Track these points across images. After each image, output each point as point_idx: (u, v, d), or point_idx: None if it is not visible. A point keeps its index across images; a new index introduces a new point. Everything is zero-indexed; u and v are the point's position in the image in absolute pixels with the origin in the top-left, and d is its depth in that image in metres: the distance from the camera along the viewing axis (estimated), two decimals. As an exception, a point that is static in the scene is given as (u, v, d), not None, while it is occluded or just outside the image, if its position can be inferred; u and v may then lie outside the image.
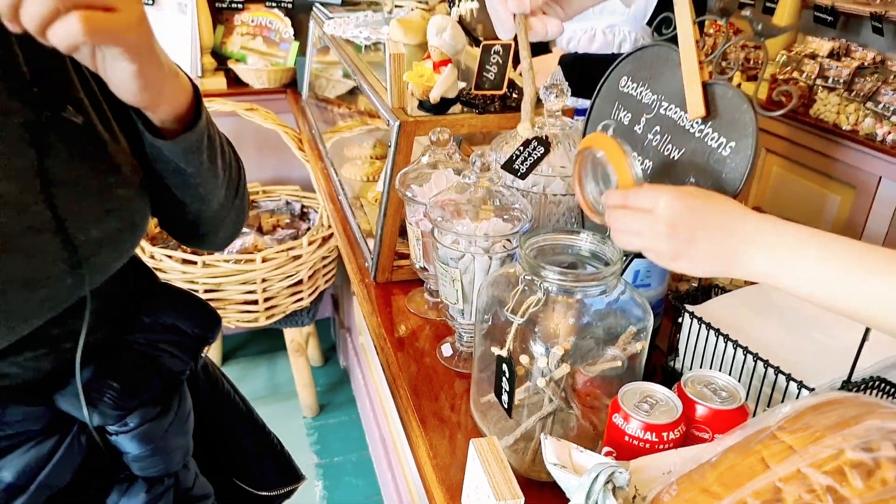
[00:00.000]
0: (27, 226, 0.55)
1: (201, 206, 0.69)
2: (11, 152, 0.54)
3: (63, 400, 0.61)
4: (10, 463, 0.58)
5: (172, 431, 0.69)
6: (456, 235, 0.87)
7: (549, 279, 0.71)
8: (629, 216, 0.66)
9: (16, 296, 0.53)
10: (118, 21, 0.47)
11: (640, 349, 0.73)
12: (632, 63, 0.81)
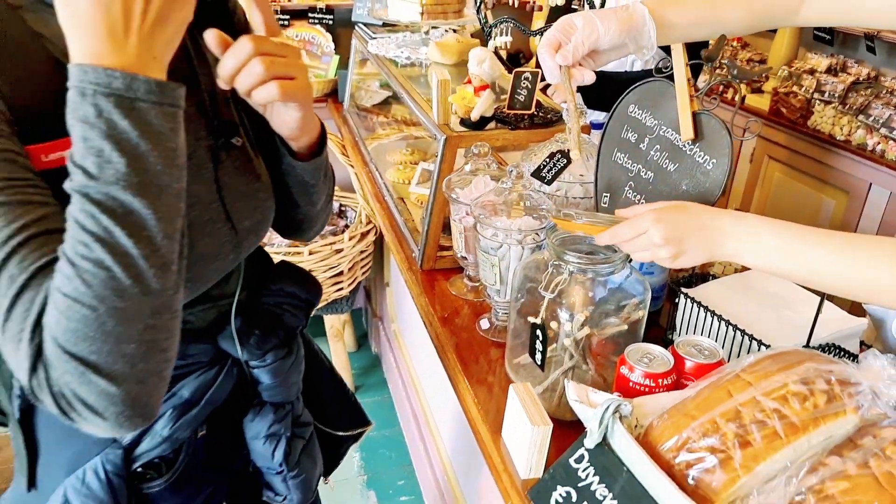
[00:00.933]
0: (208, 218, 0.75)
1: (310, 207, 0.91)
2: (201, 166, 0.75)
3: (223, 341, 0.83)
4: (188, 384, 0.80)
5: (292, 369, 0.91)
6: (495, 230, 1.08)
7: (571, 262, 0.92)
8: (632, 244, 0.86)
9: (201, 267, 0.74)
10: (299, 86, 0.69)
11: (641, 316, 0.94)
12: (638, 94, 1.02)
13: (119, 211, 0.53)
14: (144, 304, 0.55)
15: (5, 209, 0.55)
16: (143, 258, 0.54)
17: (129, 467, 0.79)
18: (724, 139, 0.87)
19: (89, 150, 0.52)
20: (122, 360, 0.55)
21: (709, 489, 0.70)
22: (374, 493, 2.14)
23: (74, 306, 0.53)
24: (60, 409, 0.56)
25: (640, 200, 1.01)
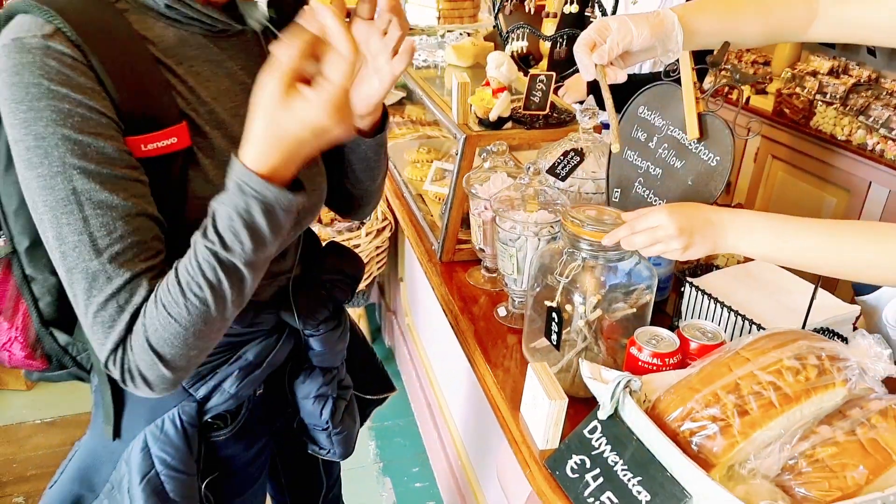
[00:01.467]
0: None
1: (370, 183, 1.00)
2: None
3: (284, 313, 0.94)
4: (252, 349, 0.91)
5: (340, 339, 1.02)
6: (514, 223, 1.16)
7: (584, 250, 0.99)
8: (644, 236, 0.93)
9: None
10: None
11: (648, 301, 1.02)
12: (647, 96, 1.10)
13: (233, 273, 0.67)
14: (220, 328, 0.71)
15: (114, 227, 0.67)
16: (233, 302, 0.69)
17: (200, 418, 0.91)
18: (727, 138, 0.95)
19: (229, 228, 0.65)
20: (185, 359, 0.70)
21: (710, 454, 0.78)
22: (389, 480, 2.22)
23: (173, 324, 0.67)
24: (122, 379, 0.70)
25: (649, 196, 1.09)
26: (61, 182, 0.65)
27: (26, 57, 0.64)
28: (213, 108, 0.78)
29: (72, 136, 0.64)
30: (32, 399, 2.57)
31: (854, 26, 1.03)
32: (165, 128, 0.70)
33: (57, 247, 0.67)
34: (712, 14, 1.03)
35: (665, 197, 1.06)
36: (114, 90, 0.67)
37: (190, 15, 0.75)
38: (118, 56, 0.68)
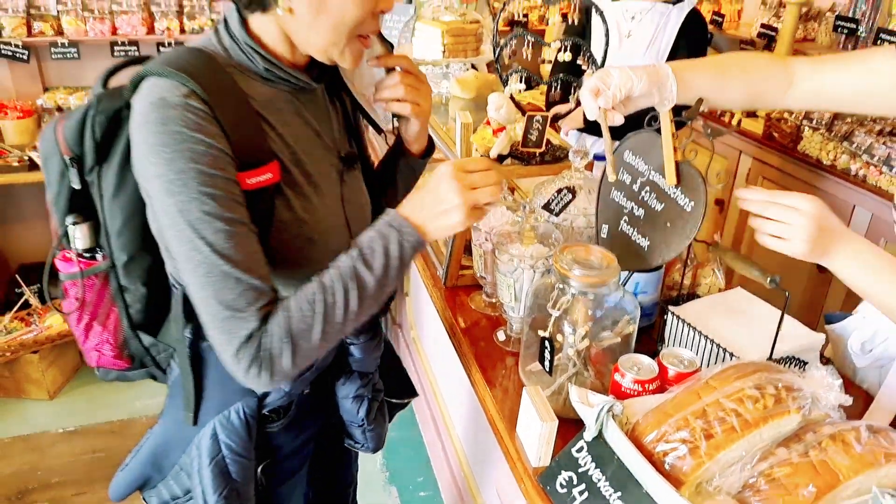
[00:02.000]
0: (335, 223, 1.05)
1: None
2: (333, 185, 1.05)
3: None
4: None
5: (376, 347, 1.19)
6: (511, 256, 1.27)
7: (573, 286, 1.10)
8: (779, 210, 0.96)
9: (330, 257, 0.95)
10: (422, 110, 1.12)
11: (632, 331, 1.12)
12: (632, 142, 1.21)
13: (368, 289, 0.89)
14: (338, 334, 0.90)
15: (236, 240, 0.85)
16: (356, 313, 0.89)
17: (259, 411, 1.07)
18: (700, 186, 1.06)
19: (376, 254, 0.89)
20: (306, 354, 0.87)
21: (680, 472, 0.89)
22: (395, 489, 2.33)
23: (309, 321, 0.86)
24: (248, 367, 0.84)
25: (633, 233, 1.20)
26: (196, 205, 0.82)
27: (171, 112, 0.83)
28: (295, 150, 0.98)
29: (204, 170, 0.83)
30: (55, 409, 2.69)
31: (825, 97, 1.15)
32: (263, 166, 0.91)
33: (192, 257, 0.83)
34: (703, 73, 1.15)
35: (647, 236, 1.17)
36: (231, 136, 0.87)
37: (280, 76, 0.96)
38: (232, 110, 0.88)
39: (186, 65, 0.86)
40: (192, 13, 2.98)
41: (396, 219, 0.91)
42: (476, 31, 2.08)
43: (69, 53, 2.87)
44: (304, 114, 1.01)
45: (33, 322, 2.70)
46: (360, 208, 1.13)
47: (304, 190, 0.99)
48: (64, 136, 0.91)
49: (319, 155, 1.03)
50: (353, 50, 0.95)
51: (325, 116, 1.06)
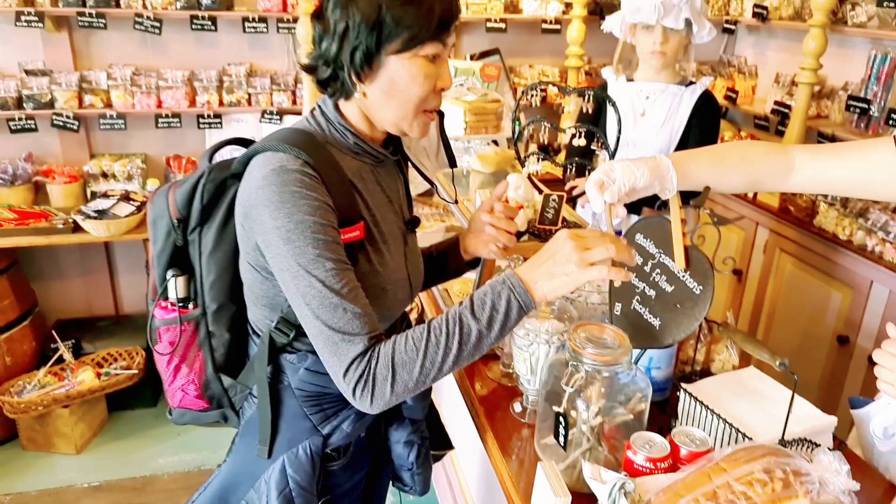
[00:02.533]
0: (400, 277, 1.18)
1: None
2: (399, 244, 1.20)
3: None
4: None
5: (424, 395, 1.30)
6: (527, 330, 1.32)
7: (587, 363, 1.15)
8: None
9: (395, 308, 1.14)
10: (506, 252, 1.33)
11: (644, 408, 1.16)
12: (643, 225, 1.27)
13: (471, 336, 0.99)
14: (438, 373, 1.00)
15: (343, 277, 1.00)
16: (455, 358, 0.99)
17: (323, 450, 1.17)
18: (709, 272, 1.12)
19: (485, 305, 1.00)
20: (406, 386, 0.98)
21: (690, 552, 0.91)
22: (411, 555, 2.31)
23: (413, 353, 0.98)
24: (355, 385, 0.98)
25: (645, 313, 1.25)
26: (311, 249, 0.98)
27: (290, 176, 1.00)
28: (374, 213, 1.14)
29: (318, 221, 0.99)
30: (81, 463, 2.74)
31: (827, 182, 1.21)
32: (353, 224, 1.07)
33: (306, 293, 0.98)
34: (701, 164, 1.22)
35: (658, 316, 1.22)
36: (333, 199, 1.04)
37: (365, 149, 1.14)
38: (333, 178, 1.05)
39: (296, 141, 1.05)
40: (230, 88, 3.17)
41: (511, 276, 1.01)
42: (497, 110, 2.19)
43: (116, 124, 3.06)
44: (381, 182, 1.18)
45: (66, 377, 2.79)
46: (418, 265, 1.29)
47: (380, 247, 1.14)
48: (175, 200, 1.09)
49: (391, 218, 1.19)
50: (420, 123, 1.10)
51: (395, 185, 1.23)
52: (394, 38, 1.00)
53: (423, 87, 1.05)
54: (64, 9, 2.87)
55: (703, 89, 2.23)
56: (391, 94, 1.05)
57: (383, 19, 0.99)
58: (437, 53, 1.04)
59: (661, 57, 2.18)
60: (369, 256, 1.12)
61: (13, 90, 2.92)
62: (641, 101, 2.27)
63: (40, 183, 3.08)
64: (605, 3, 3.41)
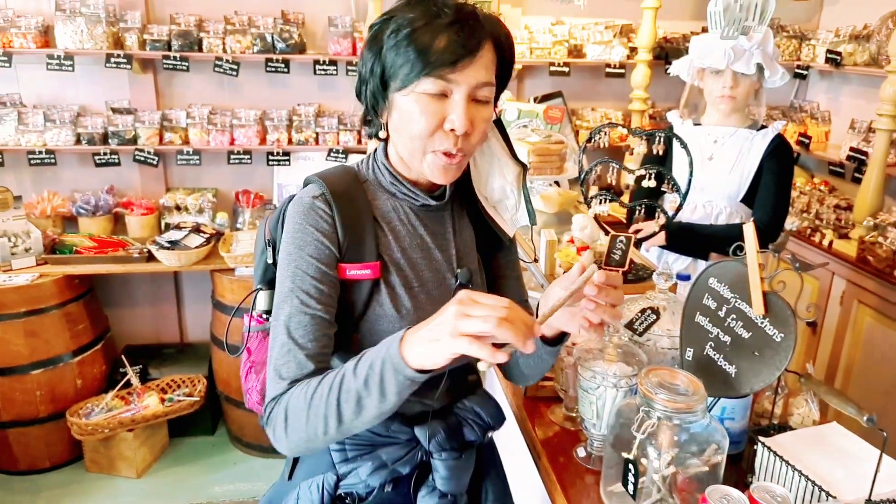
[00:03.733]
0: None
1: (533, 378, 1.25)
2: (441, 293, 1.14)
3: (418, 430, 1.13)
4: (385, 451, 1.12)
5: (462, 472, 1.19)
6: (594, 373, 1.29)
7: (659, 409, 1.11)
8: None
9: None
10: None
11: (720, 460, 1.11)
12: (717, 269, 1.24)
13: (350, 393, 0.91)
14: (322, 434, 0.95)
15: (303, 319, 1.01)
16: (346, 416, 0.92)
17: (335, 490, 1.15)
18: (790, 319, 1.07)
19: (362, 362, 0.92)
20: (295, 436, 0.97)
21: None
22: None
23: (302, 405, 0.95)
24: (265, 422, 1.00)
25: (719, 360, 1.21)
26: (289, 280, 1.02)
27: (301, 207, 1.06)
28: (399, 257, 1.11)
29: (305, 256, 1.03)
30: (142, 487, 2.80)
31: None
32: (365, 262, 1.07)
33: (275, 317, 1.03)
34: None
35: (734, 363, 1.17)
36: (341, 233, 1.06)
37: (402, 190, 1.13)
38: (351, 213, 1.07)
39: (330, 175, 1.10)
40: (299, 127, 3.29)
41: (395, 338, 0.89)
42: (560, 152, 2.20)
43: (192, 160, 3.21)
44: (420, 227, 1.15)
45: (132, 401, 2.88)
46: None
47: (401, 291, 1.10)
48: (268, 224, 1.17)
49: (430, 265, 1.14)
50: (432, 165, 1.05)
51: (444, 231, 1.17)
52: (393, 76, 1.01)
53: (423, 125, 1.01)
54: (151, 52, 3.05)
55: (776, 133, 2.18)
56: (398, 131, 1.06)
57: (385, 58, 1.01)
58: (443, 91, 1.00)
59: (731, 101, 2.15)
60: (385, 300, 1.09)
61: (100, 126, 3.11)
62: (709, 145, 2.23)
63: (119, 214, 3.25)
64: (670, 48, 3.41)
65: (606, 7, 3.52)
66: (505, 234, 1.23)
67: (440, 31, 0.97)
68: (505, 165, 1.20)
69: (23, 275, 2.75)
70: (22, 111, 3.07)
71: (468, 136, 1.02)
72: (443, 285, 1.16)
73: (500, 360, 0.82)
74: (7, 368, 2.71)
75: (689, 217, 2.16)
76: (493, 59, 1.02)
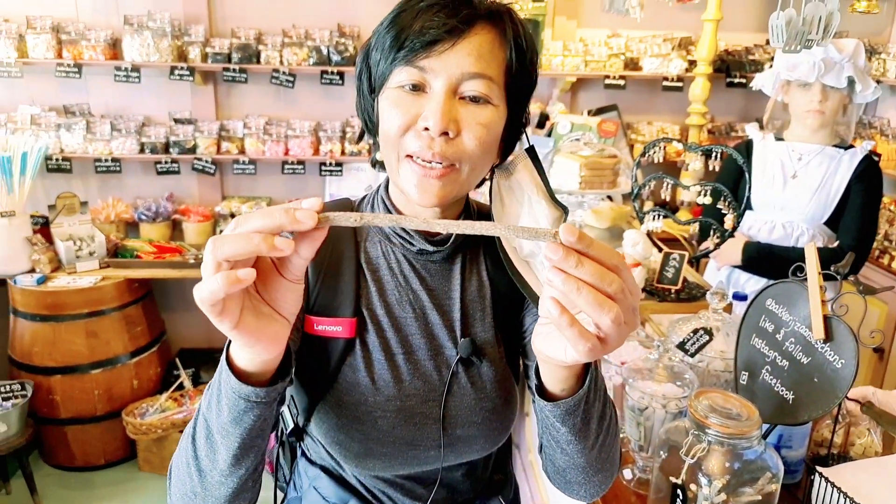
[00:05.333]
0: (421, 412, 0.88)
1: (572, 458, 0.83)
2: (437, 365, 0.90)
3: None
4: None
5: None
6: (642, 393, 1.26)
7: (710, 434, 1.07)
8: None
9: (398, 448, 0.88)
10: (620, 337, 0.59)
11: (774, 490, 1.06)
12: (775, 291, 1.19)
13: (210, 423, 0.72)
14: (191, 480, 0.74)
15: None
16: (194, 453, 0.73)
17: None
18: (852, 345, 1.02)
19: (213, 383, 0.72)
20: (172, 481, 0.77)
21: None
22: None
23: (176, 469, 0.76)
24: None
25: (776, 384, 1.15)
26: None
27: None
28: (381, 314, 0.90)
29: None
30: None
31: None
32: (337, 317, 0.86)
33: None
34: None
35: (791, 389, 1.12)
36: (313, 278, 0.88)
37: (398, 231, 0.91)
38: (331, 258, 0.89)
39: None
40: (352, 138, 3.34)
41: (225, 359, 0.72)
42: (613, 166, 2.16)
43: (248, 169, 3.30)
44: (415, 279, 0.92)
45: (185, 403, 2.95)
46: (468, 409, 0.91)
47: (375, 356, 0.89)
48: None
49: (421, 329, 0.91)
50: (407, 175, 0.81)
51: (446, 289, 0.92)
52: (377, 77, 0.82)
53: (392, 122, 0.79)
54: (212, 64, 3.16)
55: (865, 153, 2.08)
56: (378, 132, 0.85)
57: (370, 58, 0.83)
58: (418, 82, 0.78)
59: (819, 116, 2.06)
60: (359, 364, 0.88)
61: (162, 136, 3.23)
62: (793, 162, 2.14)
63: (177, 220, 3.36)
64: (731, 60, 3.32)
65: (665, 19, 3.46)
66: (536, 298, 0.85)
67: (420, 13, 0.77)
68: (539, 208, 0.88)
69: (86, 277, 2.87)
70: (90, 120, 3.21)
71: (452, 140, 0.78)
72: (439, 356, 0.91)
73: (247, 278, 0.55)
74: (69, 367, 2.82)
75: (768, 237, 2.08)
76: (490, 47, 0.78)
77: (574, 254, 0.55)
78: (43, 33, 3.04)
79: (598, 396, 0.79)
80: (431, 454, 0.91)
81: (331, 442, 0.89)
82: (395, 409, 0.88)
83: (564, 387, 0.75)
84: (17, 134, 3.01)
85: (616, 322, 0.55)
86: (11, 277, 2.80)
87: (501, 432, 0.95)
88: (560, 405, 0.75)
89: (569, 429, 0.78)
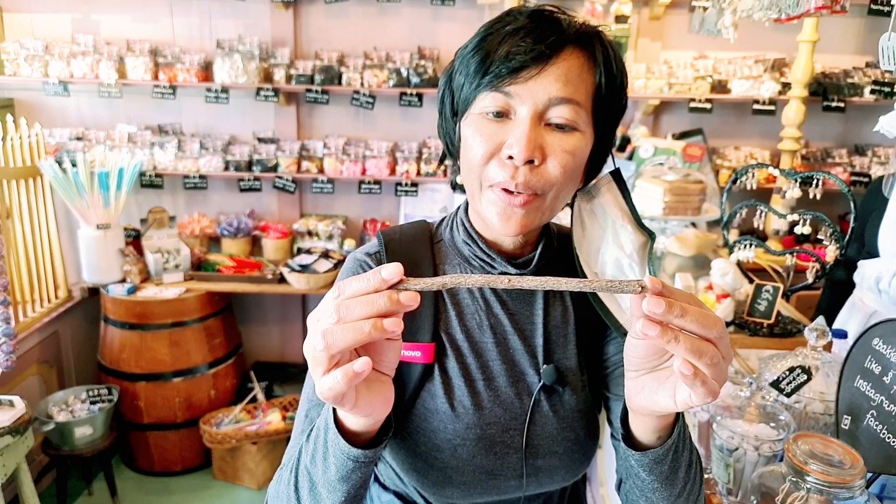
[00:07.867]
0: (502, 440, 0.86)
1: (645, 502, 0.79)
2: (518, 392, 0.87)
3: None
4: None
5: None
6: (732, 433, 1.18)
7: (809, 481, 0.98)
8: None
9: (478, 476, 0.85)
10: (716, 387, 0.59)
11: (882, 549, 0.96)
12: (883, 329, 1.09)
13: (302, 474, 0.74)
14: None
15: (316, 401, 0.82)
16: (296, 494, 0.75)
17: None
18: (979, 392, 0.91)
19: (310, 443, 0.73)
20: None
21: None
22: None
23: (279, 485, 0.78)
24: None
25: (882, 431, 1.05)
26: None
27: (350, 263, 0.91)
28: (461, 339, 0.87)
29: None
30: (261, 498, 2.91)
31: None
32: (416, 342, 0.85)
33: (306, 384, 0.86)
34: None
35: (904, 438, 1.02)
36: None
37: (477, 254, 0.88)
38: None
39: (399, 230, 0.92)
40: (428, 159, 3.36)
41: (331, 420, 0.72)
42: (699, 191, 2.07)
43: (326, 188, 3.38)
44: (497, 304, 0.89)
45: (257, 416, 3.02)
46: (551, 439, 0.88)
47: (455, 383, 0.86)
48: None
49: (502, 356, 0.88)
50: (490, 205, 0.79)
51: (528, 314, 0.90)
52: (461, 101, 0.81)
53: (476, 150, 0.77)
54: (296, 86, 3.26)
55: None
56: (461, 157, 0.83)
57: (454, 82, 0.82)
58: (503, 109, 0.76)
59: None
60: (438, 390, 0.86)
61: (246, 154, 3.36)
62: None
63: (257, 237, 3.47)
64: (829, 83, 3.15)
65: (756, 41, 3.32)
66: (620, 327, 0.86)
67: (507, 38, 0.76)
68: (624, 233, 0.87)
69: (171, 289, 2.99)
70: (181, 139, 3.38)
71: (537, 168, 0.76)
72: (520, 383, 0.88)
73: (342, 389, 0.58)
74: (153, 374, 2.94)
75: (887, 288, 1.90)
76: (579, 71, 0.76)
77: (676, 304, 0.56)
78: (142, 56, 3.23)
79: (685, 445, 0.77)
80: (512, 483, 0.88)
81: (408, 469, 0.87)
82: (475, 438, 0.85)
83: (657, 437, 0.73)
84: (114, 151, 3.20)
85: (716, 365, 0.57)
86: (104, 286, 2.96)
87: (583, 463, 0.91)
88: (648, 454, 0.73)
89: (655, 477, 0.76)
